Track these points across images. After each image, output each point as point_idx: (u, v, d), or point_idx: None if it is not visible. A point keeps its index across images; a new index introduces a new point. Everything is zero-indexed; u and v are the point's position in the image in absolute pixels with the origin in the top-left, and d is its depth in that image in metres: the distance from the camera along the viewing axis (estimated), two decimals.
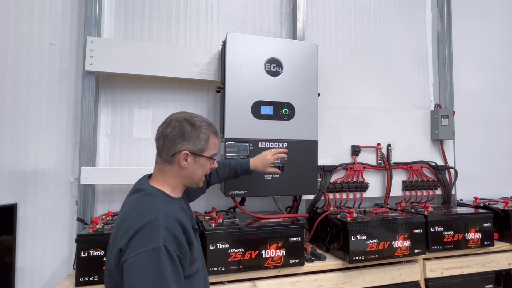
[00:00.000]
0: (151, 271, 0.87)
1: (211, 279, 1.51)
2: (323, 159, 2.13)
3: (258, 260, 1.57)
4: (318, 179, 2.01)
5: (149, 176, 1.15)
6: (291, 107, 1.83)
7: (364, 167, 2.23)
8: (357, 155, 2.24)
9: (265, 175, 1.76)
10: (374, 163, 2.29)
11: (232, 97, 1.74)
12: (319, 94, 1.93)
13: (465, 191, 2.65)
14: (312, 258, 1.72)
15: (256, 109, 1.77)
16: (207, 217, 1.72)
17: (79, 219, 1.73)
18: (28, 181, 1.76)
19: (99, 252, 1.43)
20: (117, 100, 1.93)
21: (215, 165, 1.20)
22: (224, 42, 1.82)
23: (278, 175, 1.78)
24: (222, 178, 1.53)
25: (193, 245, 1.03)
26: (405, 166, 2.34)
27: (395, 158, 2.34)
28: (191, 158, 1.08)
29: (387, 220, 1.79)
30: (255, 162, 1.56)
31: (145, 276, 0.87)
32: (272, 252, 1.59)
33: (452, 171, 2.47)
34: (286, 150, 1.66)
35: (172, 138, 1.06)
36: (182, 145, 1.06)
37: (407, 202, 2.32)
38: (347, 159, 2.24)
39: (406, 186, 2.33)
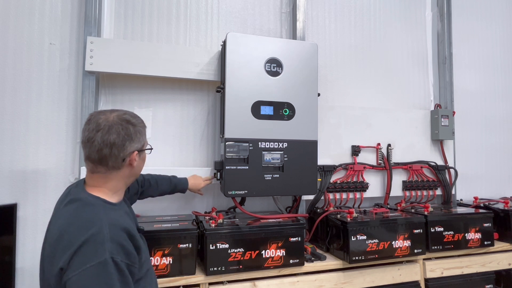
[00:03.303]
0: (98, 287, 0.84)
1: (212, 279, 1.52)
2: (323, 159, 2.13)
3: (258, 260, 1.57)
4: (318, 179, 2.01)
5: (84, 182, 1.07)
6: (291, 107, 1.83)
7: (364, 167, 2.23)
8: (357, 155, 2.24)
9: (265, 175, 1.76)
10: (374, 163, 2.29)
11: (232, 97, 1.74)
12: (319, 94, 1.93)
13: (465, 191, 2.65)
14: (312, 258, 1.72)
15: (256, 109, 1.77)
16: (207, 217, 1.72)
17: None
18: (28, 181, 1.76)
19: None
20: (117, 100, 1.93)
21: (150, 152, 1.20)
22: (224, 42, 1.82)
23: (278, 175, 1.78)
24: (160, 192, 1.61)
25: (141, 248, 1.01)
26: (405, 166, 2.34)
27: (395, 158, 2.34)
28: (138, 156, 1.08)
29: (387, 220, 1.79)
30: (190, 181, 1.72)
31: None
32: (272, 252, 1.59)
33: (452, 171, 2.47)
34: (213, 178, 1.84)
35: (121, 143, 1.00)
36: (131, 147, 1.03)
37: (407, 202, 2.32)
38: (347, 159, 2.24)
39: (406, 186, 2.33)
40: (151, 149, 1.16)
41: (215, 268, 1.51)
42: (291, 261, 1.62)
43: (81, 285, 0.83)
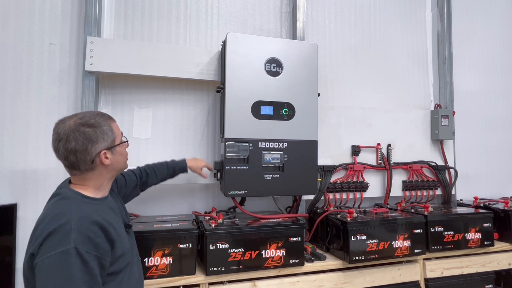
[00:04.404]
0: (59, 274, 0.88)
1: (212, 279, 1.52)
2: (323, 159, 2.13)
3: (258, 260, 1.57)
4: (318, 179, 2.01)
5: (70, 180, 1.13)
6: (291, 107, 1.83)
7: (364, 167, 2.23)
8: (357, 155, 2.24)
9: (265, 175, 1.76)
10: (374, 163, 2.29)
11: (232, 97, 1.74)
12: (319, 94, 1.93)
13: (465, 191, 2.65)
14: (312, 258, 1.72)
15: (256, 109, 1.77)
16: (207, 217, 1.72)
17: None
18: (28, 181, 1.76)
19: None
20: (117, 100, 1.93)
21: (127, 144, 1.22)
22: (224, 42, 1.82)
23: (278, 175, 1.78)
24: (160, 178, 1.64)
25: (115, 242, 1.04)
26: (405, 166, 2.34)
27: (395, 158, 2.34)
28: (109, 153, 1.09)
29: (387, 220, 1.79)
30: (189, 161, 1.74)
31: (53, 279, 0.88)
32: (272, 252, 1.59)
33: (452, 171, 2.47)
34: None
35: (82, 148, 1.03)
36: (96, 148, 1.06)
37: (407, 202, 2.32)
38: (347, 159, 2.24)
39: (406, 186, 2.33)
40: (125, 142, 1.18)
41: (215, 268, 1.51)
42: (291, 261, 1.62)
43: (44, 270, 0.89)
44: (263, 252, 1.58)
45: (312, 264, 1.69)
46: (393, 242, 1.77)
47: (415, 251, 1.82)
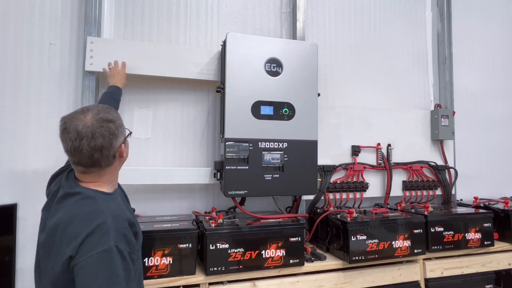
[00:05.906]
0: (103, 272, 0.89)
1: (212, 279, 1.52)
2: (323, 159, 2.13)
3: (258, 260, 1.57)
4: (318, 179, 2.01)
5: (75, 177, 1.07)
6: (291, 107, 1.83)
7: (364, 167, 2.23)
8: (357, 155, 2.24)
9: (265, 175, 1.76)
10: (374, 163, 2.29)
11: (232, 97, 1.74)
12: (319, 94, 1.93)
13: (465, 191, 2.65)
14: (312, 258, 1.72)
15: (256, 109, 1.77)
16: (207, 217, 1.72)
17: None
18: (28, 181, 1.76)
19: None
20: None
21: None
22: (224, 42, 1.82)
23: (278, 175, 1.78)
24: None
25: (138, 235, 1.06)
26: (405, 166, 2.34)
27: (395, 158, 2.34)
28: (124, 145, 1.09)
29: (387, 220, 1.79)
30: (120, 83, 1.71)
31: (97, 276, 0.89)
32: (272, 252, 1.59)
33: (452, 171, 2.47)
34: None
35: (108, 144, 1.01)
36: (118, 142, 1.05)
37: (407, 202, 2.32)
38: (347, 159, 2.24)
39: (406, 186, 2.33)
40: (131, 133, 1.17)
41: (215, 268, 1.51)
42: (291, 261, 1.62)
43: (88, 269, 0.89)
44: (263, 252, 1.58)
45: (312, 264, 1.69)
46: (393, 242, 1.77)
47: (415, 251, 1.82)
